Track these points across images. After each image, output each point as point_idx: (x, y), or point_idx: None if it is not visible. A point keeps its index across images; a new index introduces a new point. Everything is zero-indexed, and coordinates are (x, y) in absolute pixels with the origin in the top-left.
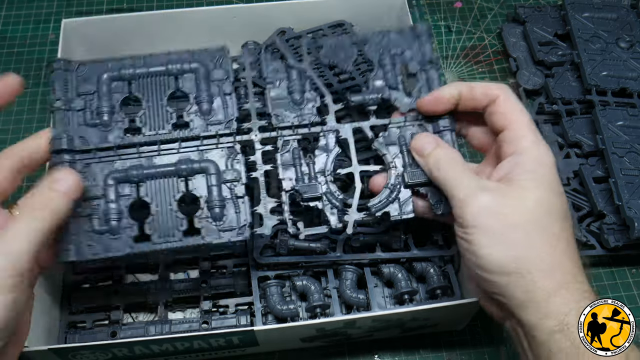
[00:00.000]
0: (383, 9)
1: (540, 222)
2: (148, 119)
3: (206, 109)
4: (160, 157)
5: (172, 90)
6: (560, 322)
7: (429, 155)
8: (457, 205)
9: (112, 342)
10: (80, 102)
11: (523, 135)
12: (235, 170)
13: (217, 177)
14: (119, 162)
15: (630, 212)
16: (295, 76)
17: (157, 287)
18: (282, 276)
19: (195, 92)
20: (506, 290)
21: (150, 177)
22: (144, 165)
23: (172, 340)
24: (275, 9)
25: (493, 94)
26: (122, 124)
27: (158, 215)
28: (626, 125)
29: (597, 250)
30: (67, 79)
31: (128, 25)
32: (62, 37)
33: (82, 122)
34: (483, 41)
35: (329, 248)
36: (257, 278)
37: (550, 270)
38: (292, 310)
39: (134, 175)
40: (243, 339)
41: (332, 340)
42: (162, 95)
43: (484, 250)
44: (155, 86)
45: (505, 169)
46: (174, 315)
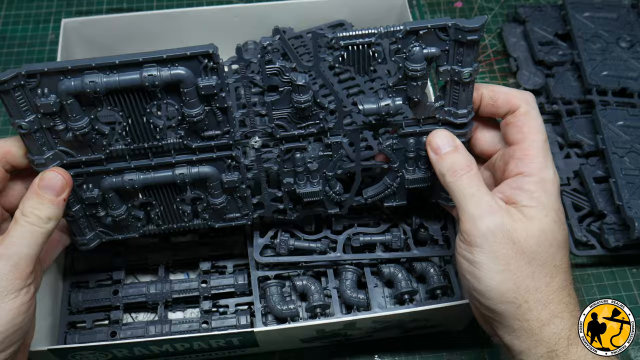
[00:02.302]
0: (383, 9)
1: (544, 253)
2: (134, 133)
3: (200, 125)
4: (156, 170)
5: (153, 106)
6: (551, 349)
7: (446, 156)
8: (467, 220)
9: (112, 343)
10: (48, 120)
11: (533, 156)
12: (235, 175)
13: (219, 183)
14: (113, 176)
15: (631, 212)
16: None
17: (157, 287)
18: (282, 276)
19: (183, 109)
20: (500, 316)
21: (150, 185)
22: (139, 176)
23: (172, 341)
24: (275, 9)
25: (515, 103)
26: (103, 139)
27: (164, 209)
28: (626, 125)
29: (597, 250)
30: (22, 96)
31: (128, 25)
32: (62, 37)
33: (59, 137)
34: (483, 41)
35: (329, 248)
36: (257, 278)
37: (546, 301)
38: (292, 310)
39: (134, 183)
40: (243, 340)
41: (332, 340)
42: (140, 112)
43: (486, 275)
44: (131, 101)
45: (510, 190)
46: (174, 315)
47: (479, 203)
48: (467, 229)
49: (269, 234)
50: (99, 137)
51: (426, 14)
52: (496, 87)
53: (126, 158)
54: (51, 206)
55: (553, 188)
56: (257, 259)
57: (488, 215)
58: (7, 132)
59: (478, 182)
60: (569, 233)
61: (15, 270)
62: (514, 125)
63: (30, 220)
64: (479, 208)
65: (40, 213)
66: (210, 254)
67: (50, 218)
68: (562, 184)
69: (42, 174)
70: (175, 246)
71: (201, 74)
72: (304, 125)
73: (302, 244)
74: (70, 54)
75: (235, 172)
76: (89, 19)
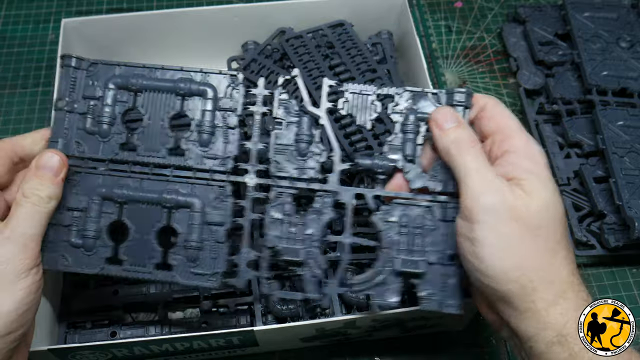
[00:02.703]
0: (383, 8)
1: (546, 228)
2: (146, 137)
3: (206, 139)
4: (150, 182)
5: (176, 112)
6: (559, 332)
7: (450, 131)
8: (469, 196)
9: (112, 343)
10: (84, 105)
11: (514, 135)
12: (220, 213)
13: (201, 216)
14: (108, 178)
15: (631, 212)
16: (306, 123)
17: (157, 287)
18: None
19: (199, 118)
20: (505, 297)
21: (135, 201)
22: (131, 186)
23: (172, 341)
24: (275, 9)
25: (481, 102)
26: (119, 138)
27: (135, 241)
28: (626, 125)
29: (598, 250)
30: (75, 77)
31: (128, 25)
32: (62, 37)
33: (82, 126)
34: (483, 41)
35: (329, 248)
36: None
37: (550, 280)
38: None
39: (119, 195)
40: (243, 339)
41: (332, 340)
42: (164, 115)
43: (488, 253)
44: (159, 103)
45: (503, 168)
46: (174, 315)
47: (482, 179)
48: (469, 204)
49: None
50: (119, 133)
51: (426, 14)
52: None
53: (128, 163)
54: (51, 185)
55: (543, 159)
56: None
57: (490, 191)
58: (7, 132)
59: (482, 158)
60: (569, 233)
61: (25, 251)
62: (486, 117)
63: (32, 200)
64: (482, 184)
65: (41, 193)
66: None
67: (51, 197)
68: (562, 184)
69: (40, 155)
70: None
71: (224, 93)
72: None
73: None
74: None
75: (223, 207)
76: (89, 19)
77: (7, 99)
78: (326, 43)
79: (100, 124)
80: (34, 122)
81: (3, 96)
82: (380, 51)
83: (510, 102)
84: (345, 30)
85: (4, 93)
